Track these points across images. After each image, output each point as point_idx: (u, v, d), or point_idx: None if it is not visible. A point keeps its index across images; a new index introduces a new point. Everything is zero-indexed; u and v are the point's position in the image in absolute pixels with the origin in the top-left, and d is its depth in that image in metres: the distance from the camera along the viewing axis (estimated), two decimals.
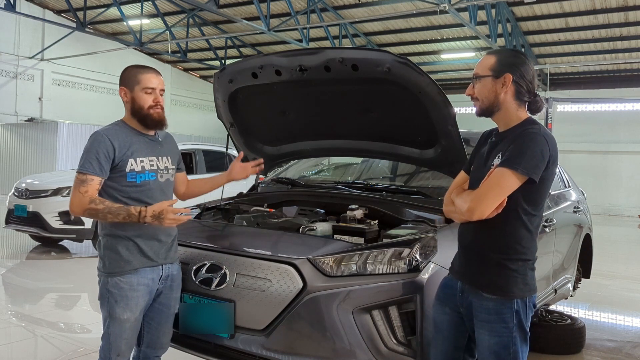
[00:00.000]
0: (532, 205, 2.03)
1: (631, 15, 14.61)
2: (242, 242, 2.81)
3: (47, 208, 7.46)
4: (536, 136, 1.98)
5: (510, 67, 2.06)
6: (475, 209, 1.98)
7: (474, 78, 2.13)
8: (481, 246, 2.09)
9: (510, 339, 2.03)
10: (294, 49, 3.05)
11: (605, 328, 5.15)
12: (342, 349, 2.37)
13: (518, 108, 2.08)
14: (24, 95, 18.78)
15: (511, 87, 2.06)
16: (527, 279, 2.06)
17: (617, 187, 19.41)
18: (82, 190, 2.30)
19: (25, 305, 5.44)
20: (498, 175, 1.96)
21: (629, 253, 11.03)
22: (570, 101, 19.23)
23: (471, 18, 13.43)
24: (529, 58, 2.14)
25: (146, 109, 2.41)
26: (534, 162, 1.95)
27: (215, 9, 14.42)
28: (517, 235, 2.03)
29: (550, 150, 1.99)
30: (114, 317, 2.37)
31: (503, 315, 2.03)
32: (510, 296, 2.03)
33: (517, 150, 1.97)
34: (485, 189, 1.98)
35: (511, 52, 2.15)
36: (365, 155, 3.84)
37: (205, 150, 9.32)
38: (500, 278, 2.04)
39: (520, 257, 2.04)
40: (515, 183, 1.95)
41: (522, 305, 2.05)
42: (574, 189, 5.10)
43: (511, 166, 1.94)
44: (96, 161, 2.33)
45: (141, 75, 2.42)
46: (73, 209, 2.35)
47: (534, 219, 2.05)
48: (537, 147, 1.96)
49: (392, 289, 2.40)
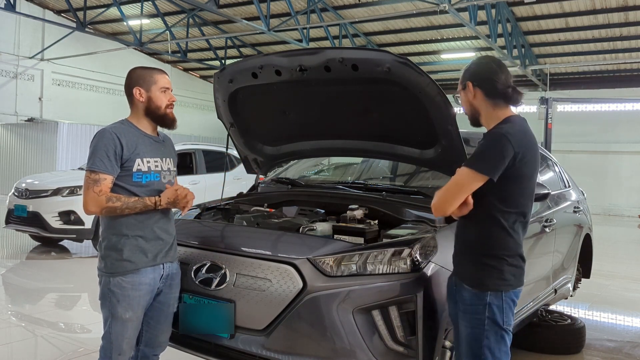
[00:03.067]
0: (504, 202, 2.08)
1: (631, 15, 14.61)
2: (242, 242, 2.81)
3: (47, 208, 7.46)
4: (497, 135, 2.06)
5: (466, 73, 2.22)
6: (437, 206, 2.10)
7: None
8: (461, 241, 2.22)
9: (481, 331, 2.09)
10: (294, 49, 3.05)
11: (605, 328, 5.15)
12: (342, 349, 2.37)
13: (494, 107, 2.16)
14: (24, 95, 18.77)
15: (477, 92, 2.18)
16: (504, 274, 2.10)
17: (617, 187, 19.40)
18: (97, 190, 2.30)
19: (25, 305, 5.44)
20: (457, 175, 2.07)
21: (629, 253, 11.03)
22: (570, 101, 19.22)
23: (471, 18, 13.42)
24: (491, 59, 2.24)
25: (163, 108, 2.47)
26: (492, 161, 2.02)
27: (215, 9, 14.42)
28: (491, 232, 2.11)
29: (515, 147, 2.03)
30: (116, 317, 2.37)
31: (476, 306, 2.11)
32: (482, 288, 2.10)
33: (478, 150, 2.08)
34: (446, 187, 2.09)
35: (473, 61, 2.27)
36: (365, 155, 3.84)
37: (205, 150, 9.31)
38: (475, 271, 2.14)
39: (495, 252, 2.11)
40: (474, 182, 2.03)
41: (496, 299, 2.09)
42: (574, 189, 5.10)
43: (469, 165, 2.05)
44: (107, 159, 2.33)
45: (157, 76, 2.48)
46: (89, 208, 2.34)
47: (509, 215, 2.10)
48: (496, 147, 2.03)
49: (392, 289, 2.40)
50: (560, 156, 14.59)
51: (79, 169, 9.18)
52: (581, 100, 19.21)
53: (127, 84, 2.49)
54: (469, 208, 2.08)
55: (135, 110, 2.49)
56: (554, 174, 4.74)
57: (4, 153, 17.50)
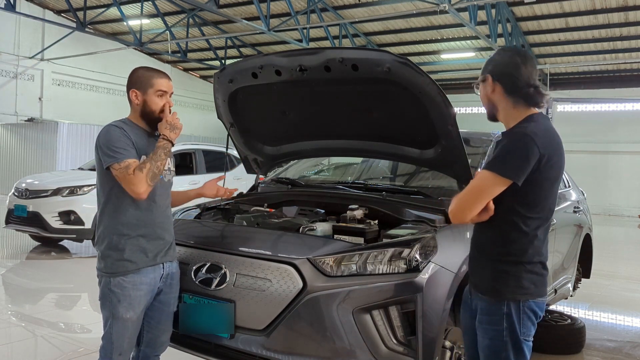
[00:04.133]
0: (526, 207, 1.94)
1: (631, 15, 14.61)
2: (242, 242, 2.80)
3: (47, 208, 7.46)
4: (521, 136, 1.90)
5: (488, 65, 2.07)
6: (456, 212, 1.94)
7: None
8: (478, 247, 2.09)
9: (501, 343, 1.96)
10: (294, 49, 3.05)
11: (605, 328, 5.15)
12: (342, 349, 2.37)
13: (515, 105, 2.00)
14: (24, 95, 18.78)
15: (496, 86, 2.02)
16: (522, 281, 1.95)
17: (617, 187, 19.40)
18: (130, 172, 2.28)
19: (25, 305, 5.44)
20: (478, 179, 1.92)
21: (629, 253, 11.03)
22: (570, 101, 19.22)
23: (471, 18, 13.42)
24: (517, 51, 2.06)
25: (157, 112, 2.44)
26: (516, 164, 1.86)
27: (215, 9, 14.43)
28: (510, 237, 1.96)
29: (541, 149, 1.87)
30: (116, 317, 2.37)
31: (493, 316, 1.98)
32: (499, 297, 1.96)
33: (500, 151, 1.92)
34: (465, 192, 1.94)
35: (498, 51, 2.12)
36: (365, 155, 3.84)
37: (205, 150, 9.31)
38: (492, 279, 1.99)
39: (514, 258, 1.96)
40: (497, 186, 1.87)
41: (515, 308, 1.95)
42: (574, 189, 5.10)
43: (491, 168, 1.89)
44: (128, 147, 2.32)
45: (155, 79, 2.43)
46: (139, 190, 2.27)
47: (531, 221, 1.96)
48: (520, 148, 1.87)
49: (392, 289, 2.40)
50: None
51: (79, 169, 9.19)
52: (581, 100, 19.22)
53: (127, 84, 2.49)
54: (490, 214, 1.93)
55: (133, 110, 2.49)
56: None
57: (4, 153, 17.50)
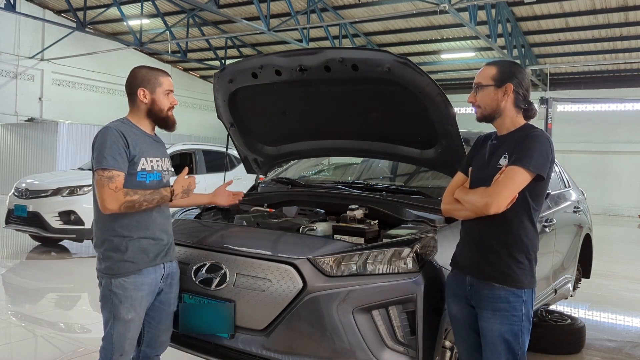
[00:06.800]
0: (535, 200, 2.21)
1: (631, 15, 14.60)
2: (242, 242, 2.80)
3: (47, 208, 7.46)
4: (542, 138, 2.19)
5: (510, 77, 2.26)
6: (492, 203, 2.12)
7: (475, 87, 2.29)
8: (491, 239, 2.22)
9: (520, 327, 2.19)
10: (294, 49, 3.05)
11: (605, 328, 5.15)
12: (342, 349, 2.37)
13: (517, 114, 2.28)
14: (24, 95, 18.76)
15: (511, 96, 2.25)
16: (533, 272, 2.22)
17: (617, 187, 19.39)
18: (113, 187, 2.27)
19: (25, 305, 5.44)
20: (512, 173, 2.13)
21: (629, 253, 11.03)
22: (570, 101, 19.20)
23: (471, 18, 13.42)
24: (524, 69, 2.35)
25: (166, 111, 2.48)
26: (542, 160, 2.15)
27: (215, 9, 14.43)
28: (523, 229, 2.20)
29: (552, 151, 2.20)
30: (118, 318, 2.37)
31: (514, 304, 2.17)
32: (520, 286, 2.18)
33: (527, 150, 2.16)
34: (501, 185, 2.13)
35: (510, 63, 2.35)
36: (365, 155, 3.84)
37: (205, 150, 9.31)
38: (511, 269, 2.18)
39: (527, 249, 2.20)
40: (526, 180, 2.13)
41: (530, 296, 2.21)
42: (574, 189, 5.10)
43: (523, 164, 2.12)
44: (118, 155, 2.32)
45: (163, 78, 2.49)
46: (108, 206, 2.27)
47: (536, 213, 2.24)
48: (543, 148, 2.16)
49: (392, 288, 2.40)
50: (560, 156, 14.49)
51: (79, 169, 9.18)
52: (581, 100, 19.21)
53: (130, 83, 2.47)
54: (512, 203, 2.16)
55: (135, 110, 2.48)
56: (554, 173, 4.74)
57: (4, 153, 17.49)
